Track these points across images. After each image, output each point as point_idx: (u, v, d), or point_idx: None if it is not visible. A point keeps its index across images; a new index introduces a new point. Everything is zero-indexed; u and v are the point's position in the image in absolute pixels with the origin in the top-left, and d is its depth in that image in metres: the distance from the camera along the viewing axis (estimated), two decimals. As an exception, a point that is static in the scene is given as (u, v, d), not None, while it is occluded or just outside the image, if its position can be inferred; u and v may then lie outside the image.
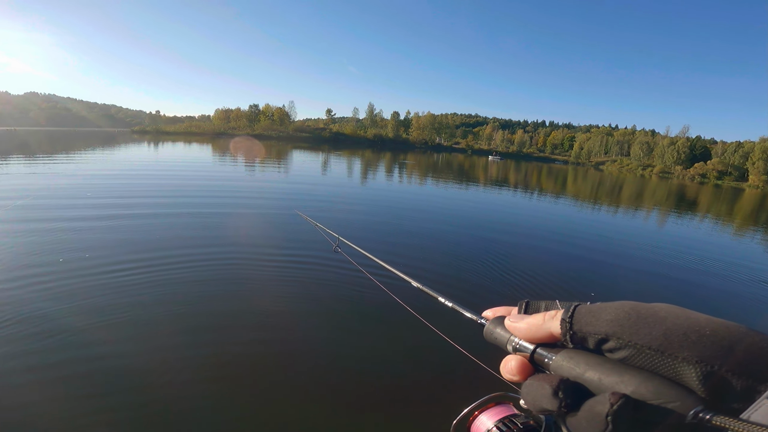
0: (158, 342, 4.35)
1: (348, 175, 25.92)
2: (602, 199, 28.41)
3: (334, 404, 3.66)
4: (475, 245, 9.91)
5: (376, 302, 5.53)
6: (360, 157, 43.39)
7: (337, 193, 17.38)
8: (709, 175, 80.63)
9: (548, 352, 0.45)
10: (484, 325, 0.56)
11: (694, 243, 14.95)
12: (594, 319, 0.40)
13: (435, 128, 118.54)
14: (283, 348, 4.61)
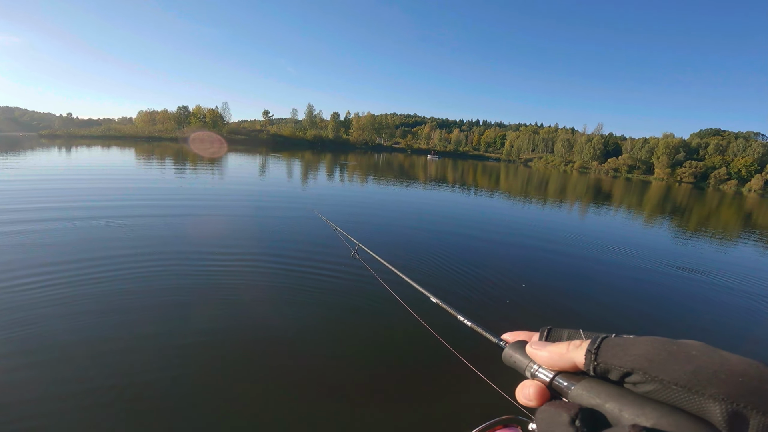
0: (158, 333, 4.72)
1: (288, 176, 25.47)
2: (532, 194, 30.70)
3: (341, 417, 3.70)
4: (479, 250, 10.16)
5: (387, 311, 5.65)
6: (300, 159, 42.67)
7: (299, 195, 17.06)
8: (620, 169, 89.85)
9: (568, 381, 0.45)
10: (503, 348, 0.56)
11: (611, 232, 16.81)
12: (621, 353, 0.40)
13: (375, 128, 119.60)
14: (291, 360, 4.60)
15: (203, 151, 35.07)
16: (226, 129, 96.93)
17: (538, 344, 0.50)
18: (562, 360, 0.45)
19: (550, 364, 0.47)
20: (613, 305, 8.08)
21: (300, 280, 6.84)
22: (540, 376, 0.48)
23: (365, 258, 2.42)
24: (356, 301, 6.05)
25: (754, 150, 79.65)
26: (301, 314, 5.68)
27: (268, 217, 12.40)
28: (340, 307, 5.89)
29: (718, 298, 9.26)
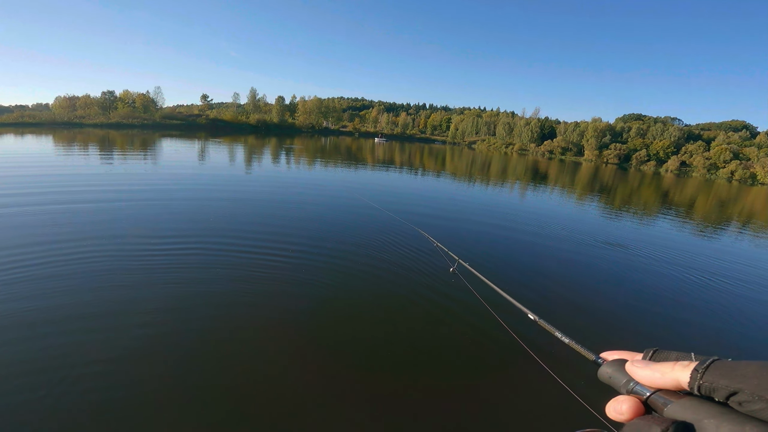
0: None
1: (231, 161, 24.42)
2: (475, 175, 32.04)
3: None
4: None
5: (483, 329, 5.62)
6: (243, 144, 40.90)
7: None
8: (555, 151, 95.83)
9: (667, 398, 0.45)
10: (600, 365, 0.57)
11: (547, 210, 18.11)
12: (731, 372, 0.41)
13: (322, 112, 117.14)
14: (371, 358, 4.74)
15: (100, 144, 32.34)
16: (160, 114, 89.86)
17: (642, 363, 0.50)
18: (665, 378, 0.46)
19: (650, 381, 0.48)
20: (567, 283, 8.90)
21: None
22: (637, 393, 0.48)
23: (465, 273, 2.46)
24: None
25: (671, 134, 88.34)
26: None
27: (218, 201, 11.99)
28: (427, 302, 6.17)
29: (650, 269, 10.47)
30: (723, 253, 12.21)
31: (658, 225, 16.58)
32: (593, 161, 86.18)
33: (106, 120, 76.81)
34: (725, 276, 9.66)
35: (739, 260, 11.57)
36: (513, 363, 4.70)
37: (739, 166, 73.88)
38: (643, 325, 6.60)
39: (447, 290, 6.71)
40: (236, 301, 5.83)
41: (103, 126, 70.66)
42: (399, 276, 7.44)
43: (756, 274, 10.27)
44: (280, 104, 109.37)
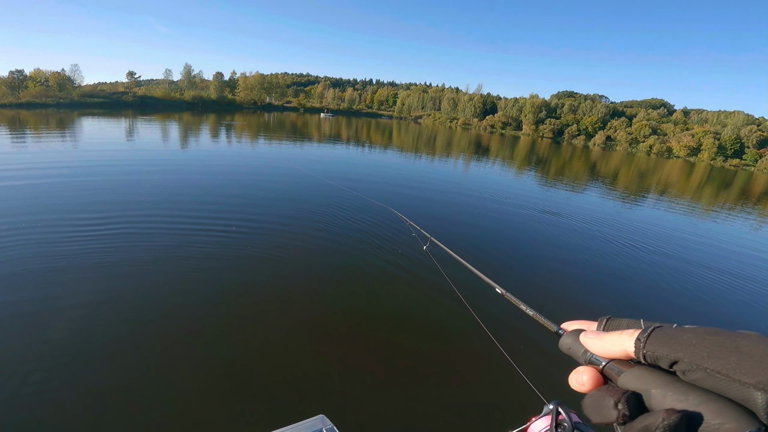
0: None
1: (164, 139, 22.89)
2: (422, 149, 32.70)
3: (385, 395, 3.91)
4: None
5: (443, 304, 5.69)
6: (177, 121, 38.24)
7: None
8: (496, 125, 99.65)
9: (619, 367, 0.46)
10: (561, 336, 0.58)
11: (489, 181, 19.12)
12: (670, 341, 0.41)
13: (265, 88, 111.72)
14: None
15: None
16: (78, 92, 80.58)
17: (593, 333, 0.51)
18: (614, 348, 0.47)
19: (602, 352, 0.49)
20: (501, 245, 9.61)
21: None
22: (594, 362, 0.50)
23: (436, 251, 2.37)
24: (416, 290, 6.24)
25: (599, 110, 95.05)
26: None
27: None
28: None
29: (585, 234, 11.56)
30: (642, 219, 13.84)
31: (588, 195, 18.24)
32: (530, 135, 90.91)
33: (15, 100, 67.61)
34: (647, 241, 11.01)
35: (656, 226, 13.20)
36: (473, 342, 4.83)
37: (657, 140, 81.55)
38: (586, 291, 7.36)
39: (407, 264, 6.96)
40: (183, 277, 5.84)
41: (12, 106, 62.35)
42: (357, 248, 7.72)
43: (672, 236, 11.79)
44: (218, 80, 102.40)
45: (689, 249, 10.59)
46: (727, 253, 10.72)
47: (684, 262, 9.35)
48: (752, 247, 11.93)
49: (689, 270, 8.87)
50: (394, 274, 6.56)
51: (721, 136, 77.52)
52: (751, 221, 17.16)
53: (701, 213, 17.52)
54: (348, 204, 10.19)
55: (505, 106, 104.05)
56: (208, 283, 5.64)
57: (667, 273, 8.46)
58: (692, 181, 34.47)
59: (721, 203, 22.10)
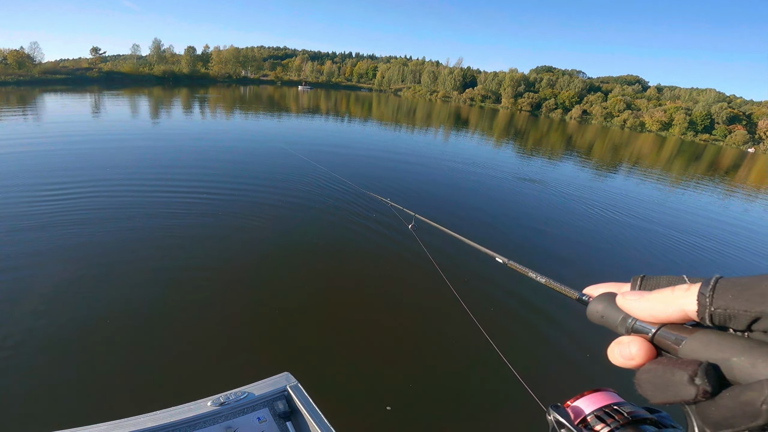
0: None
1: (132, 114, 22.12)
2: (402, 121, 32.60)
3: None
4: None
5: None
6: (147, 95, 36.78)
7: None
8: (475, 98, 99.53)
9: (677, 334, 0.38)
10: (586, 304, 0.48)
11: (469, 151, 19.42)
12: (745, 292, 0.33)
13: (240, 62, 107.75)
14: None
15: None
16: (39, 70, 75.86)
17: (634, 293, 0.42)
18: (668, 309, 0.38)
19: (651, 315, 0.40)
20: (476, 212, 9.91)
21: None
22: (639, 331, 0.41)
23: (422, 228, 2.28)
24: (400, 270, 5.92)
25: (576, 85, 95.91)
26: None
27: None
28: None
29: (551, 200, 12.00)
30: (618, 189, 14.47)
31: (564, 166, 18.81)
32: (509, 108, 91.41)
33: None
34: (624, 209, 11.59)
35: (629, 196, 13.83)
36: (450, 319, 4.62)
37: (631, 115, 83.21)
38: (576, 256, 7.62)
39: (390, 243, 6.71)
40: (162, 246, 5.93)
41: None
42: (337, 224, 7.82)
43: (645, 208, 12.38)
44: (190, 54, 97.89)
45: (661, 215, 11.31)
46: (699, 219, 11.51)
47: (658, 226, 10.05)
48: (727, 214, 12.88)
49: (660, 233, 9.54)
50: (376, 248, 6.56)
51: (692, 112, 79.69)
52: (726, 192, 18.15)
53: (672, 184, 18.41)
54: (325, 181, 10.27)
55: (485, 80, 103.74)
56: (180, 246, 5.78)
57: (640, 236, 9.09)
58: (663, 153, 35.69)
59: (691, 175, 23.17)
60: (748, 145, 72.58)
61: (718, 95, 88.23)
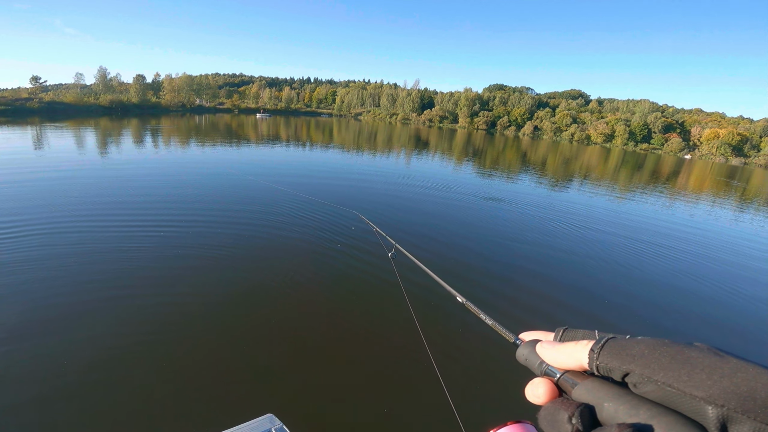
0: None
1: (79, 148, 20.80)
2: (363, 145, 32.84)
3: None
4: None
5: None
6: (93, 127, 34.91)
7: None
8: (434, 119, 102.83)
9: (574, 379, 0.45)
10: (518, 346, 0.57)
11: (431, 173, 19.74)
12: (622, 352, 0.41)
13: (194, 90, 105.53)
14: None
15: None
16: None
17: (548, 344, 0.50)
18: (570, 360, 0.46)
19: (557, 363, 0.48)
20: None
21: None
22: (549, 374, 0.49)
23: (401, 258, 2.29)
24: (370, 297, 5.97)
25: (526, 102, 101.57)
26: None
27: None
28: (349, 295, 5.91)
29: (516, 216, 12.21)
30: (572, 201, 15.12)
31: (522, 182, 19.53)
32: (466, 128, 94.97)
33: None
34: (581, 221, 12.12)
35: (587, 206, 14.42)
36: (413, 357, 4.52)
37: (577, 129, 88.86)
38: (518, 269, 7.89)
39: (367, 268, 6.74)
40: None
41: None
42: (313, 250, 7.61)
43: (599, 215, 12.93)
44: (139, 83, 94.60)
45: (616, 225, 11.87)
46: (650, 226, 12.11)
47: (614, 236, 10.45)
48: (670, 220, 13.70)
49: (617, 240, 9.91)
50: (353, 278, 6.47)
51: (630, 123, 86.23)
52: (673, 199, 19.39)
53: (620, 194, 19.50)
54: (299, 206, 10.04)
55: (442, 100, 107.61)
56: (149, 283, 5.38)
57: (604, 246, 9.42)
58: (609, 164, 38.05)
59: (636, 184, 24.73)
60: (685, 152, 79.22)
61: (652, 105, 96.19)
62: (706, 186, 28.14)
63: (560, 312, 6.04)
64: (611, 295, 6.83)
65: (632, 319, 6.09)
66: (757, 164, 69.90)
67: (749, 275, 8.64)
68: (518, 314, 5.83)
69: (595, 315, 6.11)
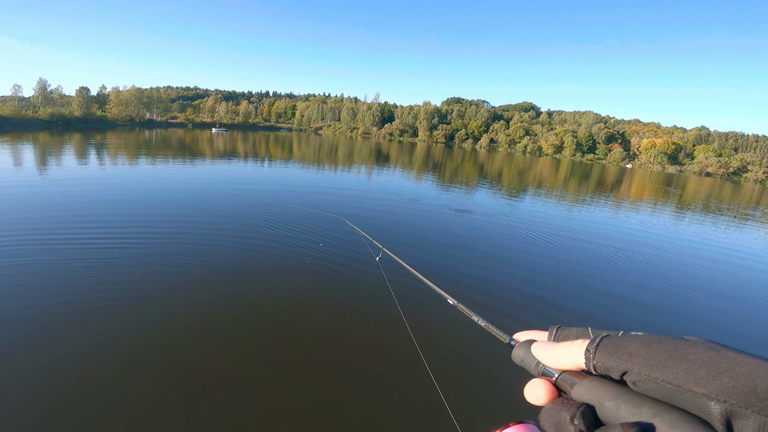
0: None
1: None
2: (324, 160, 32.66)
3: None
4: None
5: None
6: (31, 141, 32.35)
7: None
8: (394, 133, 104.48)
9: (572, 378, 0.45)
10: (513, 347, 0.56)
11: (393, 186, 19.91)
12: (618, 351, 0.40)
13: (144, 103, 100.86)
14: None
15: None
16: None
17: (543, 344, 0.50)
18: (566, 360, 0.46)
19: (553, 363, 0.48)
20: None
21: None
22: (547, 374, 0.49)
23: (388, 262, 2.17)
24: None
25: (482, 115, 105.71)
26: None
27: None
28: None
29: (483, 225, 12.49)
30: (533, 212, 15.77)
31: (483, 194, 20.20)
32: (426, 141, 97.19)
33: None
34: (546, 229, 12.45)
35: (546, 214, 15.03)
36: (406, 364, 4.48)
37: (530, 141, 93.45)
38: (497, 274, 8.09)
39: (356, 274, 6.75)
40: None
41: None
42: (298, 259, 7.37)
43: (552, 224, 13.51)
44: (83, 96, 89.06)
45: (572, 230, 12.45)
46: (605, 230, 12.82)
47: (571, 240, 10.97)
48: (624, 225, 14.50)
49: (580, 245, 10.40)
50: (341, 284, 6.42)
51: (577, 134, 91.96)
52: (622, 206, 20.64)
53: (570, 202, 20.59)
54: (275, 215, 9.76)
55: (402, 114, 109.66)
56: (123, 296, 4.92)
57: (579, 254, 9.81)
58: (560, 175, 40.22)
59: (586, 193, 26.24)
60: (626, 161, 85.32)
61: (596, 117, 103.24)
62: (646, 193, 30.38)
63: (550, 310, 6.30)
64: (576, 290, 7.29)
65: (593, 309, 6.55)
66: (691, 171, 76.42)
67: (691, 271, 9.44)
68: (511, 313, 5.95)
69: (566, 308, 6.45)
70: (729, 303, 7.60)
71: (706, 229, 16.13)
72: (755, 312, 7.40)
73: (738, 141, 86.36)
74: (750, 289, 8.60)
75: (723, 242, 13.46)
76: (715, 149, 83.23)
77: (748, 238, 14.94)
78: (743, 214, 23.01)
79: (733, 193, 41.74)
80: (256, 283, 6.20)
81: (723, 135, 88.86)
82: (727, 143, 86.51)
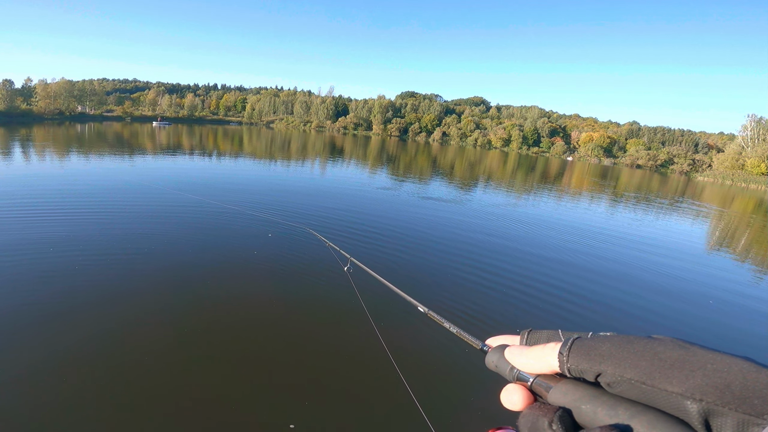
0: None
1: None
2: (276, 154, 32.04)
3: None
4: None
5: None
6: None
7: None
8: (348, 127, 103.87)
9: (547, 382, 0.45)
10: (486, 353, 0.56)
11: (347, 179, 20.04)
12: (591, 353, 0.40)
13: (75, 96, 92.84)
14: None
15: None
16: None
17: (516, 349, 0.50)
18: (540, 364, 0.45)
19: (527, 368, 0.47)
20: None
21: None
22: (522, 379, 0.48)
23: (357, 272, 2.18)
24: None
25: (435, 109, 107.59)
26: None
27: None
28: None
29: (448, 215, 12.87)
30: (487, 204, 16.50)
31: (437, 187, 20.85)
32: (380, 134, 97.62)
33: None
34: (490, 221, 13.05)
35: (492, 206, 15.73)
36: (377, 371, 4.50)
37: (480, 134, 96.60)
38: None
39: (323, 288, 6.51)
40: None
41: None
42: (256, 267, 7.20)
43: (501, 214, 14.21)
44: (6, 89, 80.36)
45: (522, 222, 13.24)
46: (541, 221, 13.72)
47: (525, 230, 11.69)
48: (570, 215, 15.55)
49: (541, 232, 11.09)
50: (309, 296, 6.26)
51: (524, 128, 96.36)
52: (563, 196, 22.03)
53: (519, 194, 21.79)
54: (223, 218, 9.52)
55: (356, 108, 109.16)
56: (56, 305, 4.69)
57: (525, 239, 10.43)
58: (508, 168, 42.18)
59: (531, 184, 27.81)
60: (567, 154, 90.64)
61: (540, 111, 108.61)
62: (585, 185, 32.67)
63: (517, 313, 6.37)
64: (542, 289, 7.49)
65: (557, 309, 6.67)
66: (624, 164, 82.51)
67: (625, 259, 10.45)
68: (482, 318, 5.98)
69: (534, 310, 6.54)
70: (669, 296, 7.89)
71: (638, 217, 17.71)
72: (695, 297, 7.96)
73: (665, 135, 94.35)
74: (676, 275, 9.25)
75: (646, 232, 14.94)
76: (645, 143, 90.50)
77: (678, 226, 16.68)
78: (674, 204, 25.51)
79: (661, 184, 44.98)
80: (211, 299, 5.86)
81: (652, 129, 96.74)
82: (656, 137, 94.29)
